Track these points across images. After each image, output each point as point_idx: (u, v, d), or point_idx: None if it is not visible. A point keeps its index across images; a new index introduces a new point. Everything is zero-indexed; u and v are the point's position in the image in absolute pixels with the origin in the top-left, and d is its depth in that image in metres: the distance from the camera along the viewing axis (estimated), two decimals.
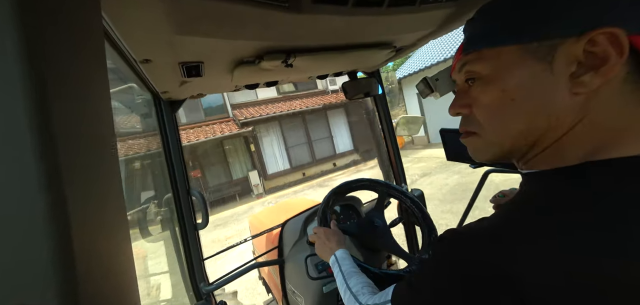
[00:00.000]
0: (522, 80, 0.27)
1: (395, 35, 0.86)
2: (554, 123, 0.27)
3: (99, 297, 0.17)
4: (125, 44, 0.52)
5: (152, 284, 1.54)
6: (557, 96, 0.26)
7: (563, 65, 0.25)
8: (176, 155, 0.96)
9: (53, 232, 0.14)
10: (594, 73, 0.24)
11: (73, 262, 0.14)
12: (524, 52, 0.27)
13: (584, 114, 0.25)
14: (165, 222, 1.08)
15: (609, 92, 0.25)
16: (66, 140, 0.16)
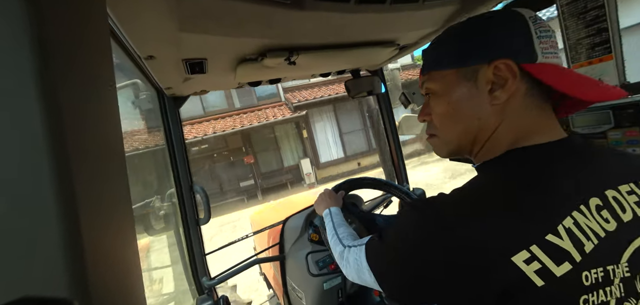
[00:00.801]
0: (459, 95, 0.39)
1: (399, 33, 0.85)
2: (483, 125, 0.38)
3: (106, 289, 0.18)
4: (129, 41, 0.53)
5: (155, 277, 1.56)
6: (482, 106, 0.37)
7: (483, 84, 0.37)
8: (179, 150, 0.97)
9: (63, 227, 0.15)
10: (501, 90, 0.36)
11: (82, 255, 0.15)
12: (459, 75, 0.39)
13: (502, 117, 0.37)
14: (168, 217, 1.09)
15: (516, 103, 0.36)
16: (75, 139, 0.16)
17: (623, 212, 0.30)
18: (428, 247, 0.32)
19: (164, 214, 1.08)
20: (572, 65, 0.86)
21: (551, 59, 0.35)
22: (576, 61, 0.86)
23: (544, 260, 0.27)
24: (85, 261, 0.15)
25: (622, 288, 0.28)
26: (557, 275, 0.27)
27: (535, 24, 0.35)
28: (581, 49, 0.84)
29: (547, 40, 0.35)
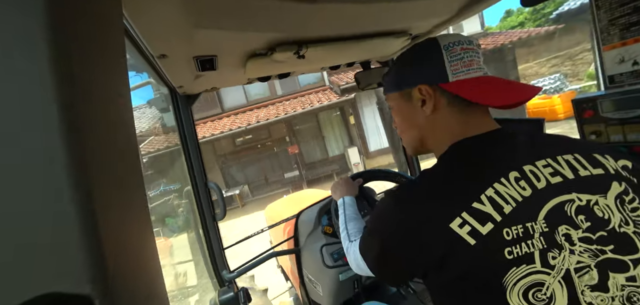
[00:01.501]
0: (403, 111, 0.54)
1: (411, 23, 0.82)
2: (423, 131, 0.52)
3: (127, 285, 0.18)
4: (143, 40, 0.54)
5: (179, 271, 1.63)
6: (418, 117, 0.51)
7: (415, 102, 0.50)
8: (193, 148, 0.99)
9: (82, 226, 0.15)
10: (426, 105, 0.49)
11: (102, 252, 0.15)
12: (400, 96, 0.54)
13: (435, 123, 0.49)
14: (187, 213, 1.13)
15: (442, 111, 0.48)
16: (92, 138, 0.17)
17: (538, 181, 0.38)
18: (390, 222, 0.43)
19: (183, 211, 1.12)
20: (602, 48, 0.80)
21: (462, 76, 0.46)
22: (608, 43, 0.80)
23: (472, 223, 0.35)
24: (105, 258, 0.15)
25: (543, 241, 0.34)
26: (483, 234, 0.35)
27: (448, 51, 0.47)
28: (614, 30, 0.78)
29: (457, 63, 0.46)
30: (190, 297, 2.68)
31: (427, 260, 0.38)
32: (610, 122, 0.80)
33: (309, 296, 1.24)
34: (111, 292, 0.15)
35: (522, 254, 0.33)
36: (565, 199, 0.36)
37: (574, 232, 0.35)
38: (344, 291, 1.05)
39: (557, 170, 0.39)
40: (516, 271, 0.33)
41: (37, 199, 0.15)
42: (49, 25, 0.15)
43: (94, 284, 0.15)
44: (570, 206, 0.36)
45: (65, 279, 0.15)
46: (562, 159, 0.40)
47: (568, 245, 0.34)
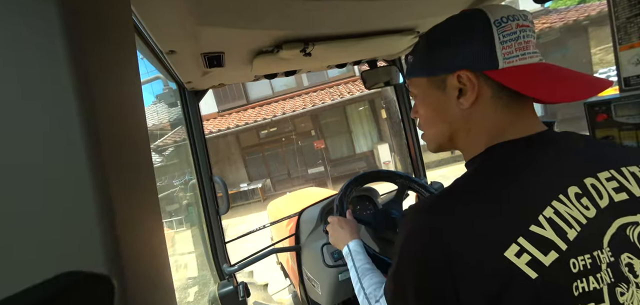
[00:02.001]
0: (432, 101, 0.43)
1: (419, 20, 0.82)
2: (455, 127, 0.42)
3: (138, 268, 0.19)
4: (152, 36, 0.55)
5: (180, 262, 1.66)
6: (451, 110, 0.41)
7: (451, 91, 0.40)
8: (200, 142, 1.01)
9: (99, 211, 0.16)
10: (464, 97, 0.39)
11: (116, 236, 0.17)
12: (430, 83, 0.42)
13: (472, 119, 0.39)
14: (191, 206, 1.15)
15: (483, 105, 0.38)
16: (107, 131, 0.17)
17: (600, 198, 0.31)
18: (424, 250, 0.33)
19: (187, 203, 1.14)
20: (619, 48, 0.77)
21: (516, 61, 0.36)
22: (625, 43, 0.76)
23: (532, 252, 0.28)
24: (119, 242, 0.17)
25: (610, 273, 0.28)
26: (546, 265, 0.28)
27: (499, 28, 0.36)
28: (632, 28, 0.74)
29: (511, 44, 0.36)
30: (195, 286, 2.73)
31: (476, 299, 0.29)
32: (624, 127, 0.77)
33: (308, 294, 1.25)
34: (125, 272, 0.17)
35: (590, 289, 0.27)
36: (628, 220, 0.30)
37: (637, 262, 0.29)
38: (342, 291, 1.06)
39: (623, 185, 0.32)
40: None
41: (60, 189, 0.16)
42: (64, 27, 0.16)
43: (111, 264, 0.16)
44: (632, 230, 0.30)
45: (86, 259, 0.16)
46: (628, 172, 0.33)
47: (632, 278, 0.28)
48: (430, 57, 0.42)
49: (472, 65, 0.37)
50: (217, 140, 7.54)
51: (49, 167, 0.16)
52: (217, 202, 1.04)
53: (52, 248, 0.15)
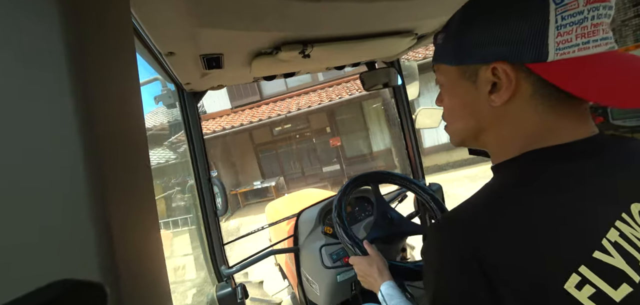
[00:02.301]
0: (459, 93, 0.37)
1: (417, 22, 0.82)
2: (483, 125, 0.36)
3: (134, 275, 0.19)
4: (151, 38, 0.54)
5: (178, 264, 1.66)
6: (480, 105, 0.35)
7: (483, 85, 0.33)
8: (198, 144, 1.01)
9: (94, 217, 0.16)
10: (498, 92, 0.32)
11: (111, 243, 0.16)
12: (460, 72, 0.36)
13: (503, 120, 0.33)
14: (189, 208, 1.14)
15: (519, 104, 0.32)
16: (104, 133, 0.17)
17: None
18: (460, 282, 0.27)
19: (185, 205, 1.13)
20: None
21: (573, 52, 0.27)
22: (621, 45, 0.77)
23: (597, 284, 0.23)
24: (114, 248, 0.16)
25: None
26: (617, 301, 0.23)
27: (561, 5, 0.27)
28: (627, 31, 0.75)
29: (571, 29, 0.27)
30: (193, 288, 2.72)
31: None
32: (621, 130, 0.78)
33: (306, 296, 1.25)
34: (119, 280, 0.16)
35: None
36: None
37: None
38: (341, 292, 1.06)
39: None
40: None
41: (53, 192, 0.15)
42: (63, 28, 0.16)
43: (105, 272, 0.16)
44: None
45: (78, 266, 0.15)
46: None
47: None
48: (463, 41, 0.34)
49: (512, 55, 0.30)
50: (230, 137, 7.34)
51: (42, 169, 0.15)
52: (215, 204, 1.04)
53: (42, 255, 0.15)
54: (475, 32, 0.33)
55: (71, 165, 0.15)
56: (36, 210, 0.15)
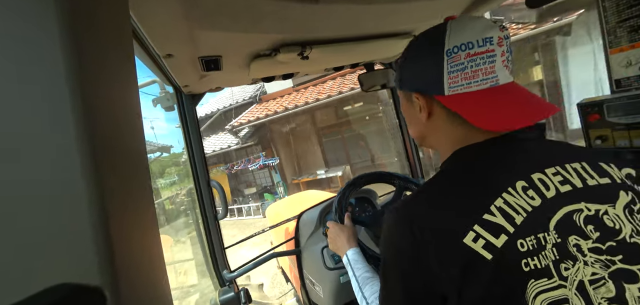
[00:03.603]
0: (406, 109, 0.52)
1: (416, 24, 0.83)
2: (423, 134, 0.50)
3: (133, 279, 0.18)
4: (149, 40, 0.54)
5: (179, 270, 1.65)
6: (418, 120, 0.48)
7: (415, 105, 0.48)
8: (197, 146, 1.00)
9: (93, 222, 0.16)
10: (421, 112, 0.46)
11: (111, 247, 0.16)
12: (404, 95, 0.51)
13: (434, 130, 0.47)
14: (189, 212, 1.14)
15: (442, 119, 0.45)
16: (102, 137, 0.17)
17: (547, 190, 0.36)
18: (401, 246, 0.38)
19: (185, 209, 1.12)
20: (610, 51, 0.79)
21: (460, 90, 0.41)
22: (616, 46, 0.78)
23: (486, 236, 0.33)
24: (113, 251, 0.16)
25: (555, 252, 0.33)
26: (498, 246, 0.33)
27: (450, 58, 0.41)
28: (621, 33, 0.76)
29: (458, 74, 0.41)
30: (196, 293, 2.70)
31: (446, 282, 0.34)
32: (617, 127, 0.79)
33: (310, 298, 1.24)
34: (119, 284, 0.16)
35: (541, 266, 0.32)
36: (574, 208, 0.35)
37: (583, 243, 0.34)
38: (345, 293, 1.05)
39: (567, 179, 0.37)
40: (535, 284, 0.32)
41: (51, 195, 0.15)
42: (62, 29, 0.15)
43: (104, 275, 0.15)
44: (579, 216, 0.35)
45: (77, 270, 0.15)
46: (571, 167, 0.38)
47: (581, 256, 0.33)
48: (401, 75, 0.49)
49: (424, 88, 0.45)
50: (290, 119, 6.70)
51: (40, 171, 0.15)
52: (215, 208, 1.03)
53: (40, 259, 0.15)
54: (406, 70, 0.48)
55: (69, 168, 0.15)
56: (33, 214, 0.15)
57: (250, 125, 7.04)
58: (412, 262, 0.37)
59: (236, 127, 7.21)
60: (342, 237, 0.74)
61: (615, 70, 0.79)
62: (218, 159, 8.59)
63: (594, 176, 0.38)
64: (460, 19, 0.43)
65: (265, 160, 6.87)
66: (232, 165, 7.85)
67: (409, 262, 0.37)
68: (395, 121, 5.81)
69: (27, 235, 0.15)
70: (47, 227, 0.15)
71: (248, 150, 7.85)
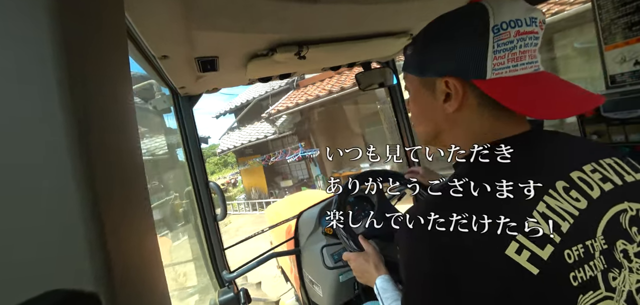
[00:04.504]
0: (421, 100, 0.44)
1: (412, 23, 0.83)
2: (440, 129, 0.43)
3: (130, 283, 0.18)
4: (144, 41, 0.54)
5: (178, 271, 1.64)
6: (437, 113, 0.42)
7: (439, 94, 0.40)
8: (195, 148, 1.00)
9: (88, 225, 0.15)
10: (450, 101, 0.39)
11: (106, 251, 0.16)
12: (422, 83, 0.43)
13: (457, 124, 0.40)
14: (187, 214, 1.13)
15: (469, 111, 0.39)
16: (97, 140, 0.17)
17: (590, 189, 0.32)
18: (425, 262, 0.33)
19: (183, 211, 1.12)
20: (604, 48, 0.80)
21: (505, 73, 0.35)
22: (610, 42, 0.79)
23: (531, 247, 0.29)
24: (109, 256, 0.16)
25: (603, 260, 0.29)
26: (544, 259, 0.29)
27: (497, 35, 0.34)
28: (616, 29, 0.77)
29: (504, 55, 0.35)
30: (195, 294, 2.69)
31: (485, 300, 0.29)
32: (612, 122, 0.80)
33: (309, 297, 1.24)
34: (115, 289, 0.16)
35: (587, 278, 0.28)
36: (620, 208, 0.31)
37: (630, 247, 0.30)
38: (344, 292, 1.05)
39: (606, 176, 0.33)
40: (583, 299, 0.28)
41: (45, 200, 0.15)
42: (53, 28, 0.15)
43: (99, 281, 0.15)
44: (624, 217, 0.31)
45: (71, 276, 0.15)
46: (605, 163, 0.34)
47: (626, 263, 0.30)
48: (424, 57, 0.42)
49: (460, 72, 0.37)
50: (332, 106, 5.90)
51: (32, 174, 0.15)
52: (214, 209, 1.03)
53: (32, 264, 0.15)
54: (433, 51, 0.40)
55: (62, 170, 0.15)
56: (26, 217, 0.15)
57: (289, 113, 6.33)
58: (441, 290, 0.31)
59: (273, 115, 6.59)
60: (369, 266, 0.67)
61: (610, 67, 0.80)
62: (253, 150, 8.16)
63: (629, 172, 0.34)
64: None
65: (304, 151, 6.36)
66: (269, 157, 7.31)
67: (438, 289, 0.32)
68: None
69: (20, 239, 0.15)
70: (41, 231, 0.15)
71: (284, 141, 7.28)
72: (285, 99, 6.89)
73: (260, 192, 8.69)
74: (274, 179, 8.41)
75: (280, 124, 6.78)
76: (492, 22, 0.35)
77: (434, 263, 0.32)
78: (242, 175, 9.88)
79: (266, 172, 8.30)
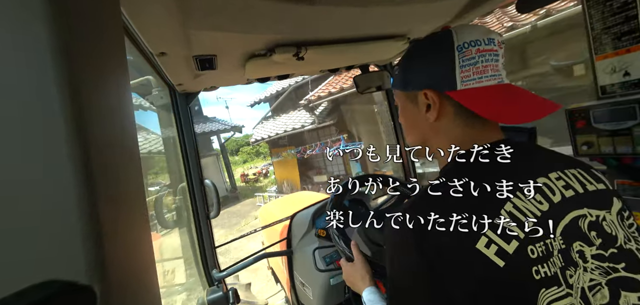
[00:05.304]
0: (408, 113, 0.50)
1: (410, 26, 0.84)
2: (426, 137, 0.49)
3: (123, 277, 0.18)
4: (142, 38, 0.54)
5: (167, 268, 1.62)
6: (422, 122, 0.47)
7: (421, 106, 0.46)
8: (190, 145, 0.99)
9: (83, 220, 0.15)
10: (430, 111, 0.45)
11: (101, 245, 0.16)
12: (407, 97, 0.50)
13: (439, 132, 0.46)
14: (180, 210, 1.12)
15: (448, 120, 0.44)
16: (93, 135, 0.17)
17: (553, 194, 0.36)
18: (409, 266, 0.37)
19: (176, 207, 1.11)
20: (595, 58, 0.81)
21: (472, 84, 0.42)
22: (601, 53, 0.80)
23: (498, 242, 0.32)
24: (104, 249, 0.16)
25: (561, 258, 0.32)
26: (510, 252, 0.32)
27: (461, 53, 0.41)
28: (606, 39, 0.78)
29: (470, 68, 0.41)
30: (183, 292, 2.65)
31: (459, 293, 0.32)
32: (602, 134, 0.81)
33: (299, 299, 1.24)
34: (109, 282, 0.16)
35: (551, 274, 0.31)
36: (579, 213, 0.35)
37: (587, 249, 0.33)
38: (334, 296, 1.05)
39: (569, 184, 0.37)
40: (546, 293, 0.31)
41: (40, 191, 0.15)
42: (50, 25, 0.15)
43: (94, 273, 0.15)
44: (583, 221, 0.35)
45: (66, 267, 0.15)
46: (570, 173, 0.39)
47: (582, 263, 0.33)
48: (406, 75, 0.49)
49: (436, 84, 0.44)
50: (358, 100, 5.32)
51: (30, 170, 0.15)
52: (207, 206, 1.02)
53: (28, 255, 0.15)
54: (413, 69, 0.48)
55: (60, 166, 0.15)
56: (24, 212, 0.15)
57: (331, 99, 5.59)
58: (425, 286, 0.34)
59: (313, 102, 5.87)
60: (355, 276, 0.70)
61: (600, 77, 0.81)
62: (288, 140, 7.58)
63: (591, 181, 0.39)
64: (460, 25, 0.44)
65: (347, 144, 5.64)
66: (304, 149, 6.64)
67: (422, 286, 0.35)
68: None
69: (17, 233, 0.15)
70: (38, 225, 0.15)
71: (320, 133, 6.61)
72: (327, 84, 6.04)
73: (293, 185, 8.21)
74: (307, 172, 7.84)
75: (319, 113, 6.02)
76: (456, 42, 0.42)
77: (418, 265, 0.35)
78: (274, 167, 9.48)
79: (300, 165, 7.80)
